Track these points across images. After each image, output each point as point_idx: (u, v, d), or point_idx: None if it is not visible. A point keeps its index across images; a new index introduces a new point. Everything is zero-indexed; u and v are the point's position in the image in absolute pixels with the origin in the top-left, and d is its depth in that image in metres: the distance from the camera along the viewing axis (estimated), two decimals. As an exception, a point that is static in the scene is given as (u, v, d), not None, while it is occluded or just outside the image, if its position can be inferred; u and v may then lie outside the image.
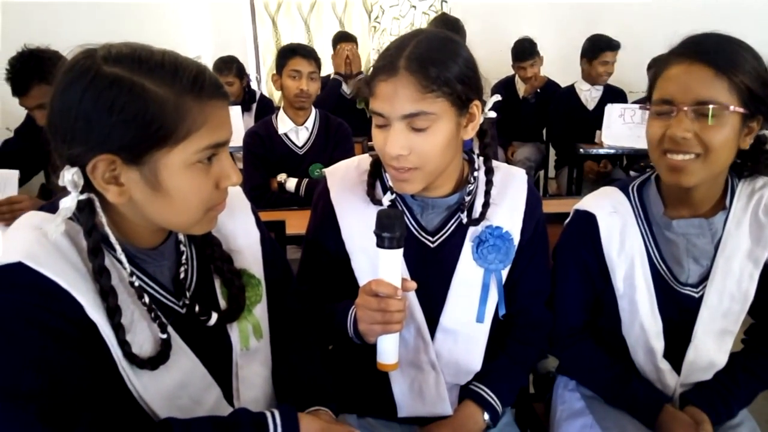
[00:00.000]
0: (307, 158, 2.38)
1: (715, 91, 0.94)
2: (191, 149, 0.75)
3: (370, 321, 0.94)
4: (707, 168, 0.98)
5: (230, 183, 0.82)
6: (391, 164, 0.98)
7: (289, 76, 2.29)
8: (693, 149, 0.97)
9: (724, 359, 1.11)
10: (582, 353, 1.20)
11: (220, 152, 0.79)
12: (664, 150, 1.00)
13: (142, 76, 0.72)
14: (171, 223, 0.82)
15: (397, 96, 0.93)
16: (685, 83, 0.96)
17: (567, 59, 3.96)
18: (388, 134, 0.96)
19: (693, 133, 0.96)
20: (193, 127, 0.74)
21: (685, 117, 0.96)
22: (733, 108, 0.94)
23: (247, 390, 0.95)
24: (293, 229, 1.47)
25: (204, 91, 0.75)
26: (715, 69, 0.94)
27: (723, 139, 0.96)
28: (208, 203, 0.81)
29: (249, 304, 0.97)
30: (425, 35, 0.98)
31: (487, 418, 1.10)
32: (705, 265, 1.10)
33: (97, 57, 0.72)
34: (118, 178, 0.75)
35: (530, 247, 1.14)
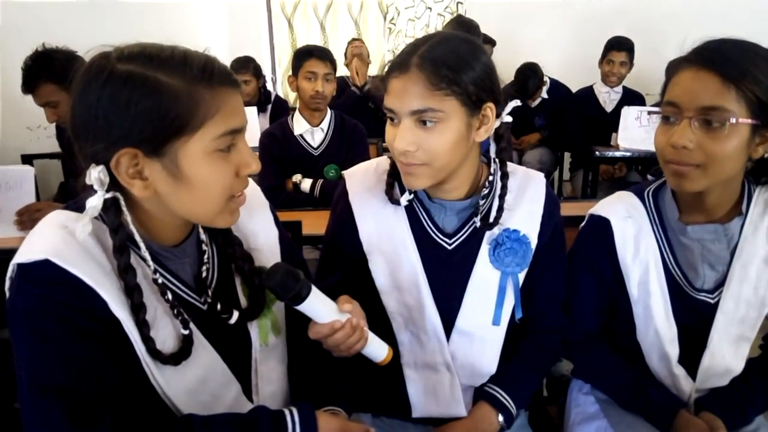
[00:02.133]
0: (322, 159, 2.39)
1: (721, 98, 0.93)
2: (208, 137, 0.77)
3: (337, 354, 0.95)
4: (709, 177, 0.98)
5: (250, 170, 0.83)
6: (400, 160, 1.00)
7: (305, 78, 2.31)
8: (693, 160, 0.97)
9: (740, 365, 1.11)
10: (597, 357, 1.20)
11: (238, 140, 0.81)
12: (666, 159, 1.01)
13: (154, 70, 0.74)
14: (195, 213, 0.83)
15: (406, 92, 0.95)
16: (691, 89, 0.96)
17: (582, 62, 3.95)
18: (398, 129, 0.98)
19: (696, 143, 0.96)
20: (207, 114, 0.76)
21: (689, 126, 0.96)
22: (740, 119, 0.93)
23: (266, 385, 0.97)
24: (309, 230, 1.49)
25: (214, 78, 0.77)
26: (722, 77, 0.93)
27: (728, 150, 0.95)
28: (229, 191, 0.82)
29: (268, 301, 0.98)
30: (443, 36, 1.00)
31: (502, 419, 1.11)
32: (721, 271, 1.09)
33: (110, 57, 0.75)
34: (142, 172, 0.77)
35: (548, 251, 1.14)
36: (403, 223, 1.10)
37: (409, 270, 1.10)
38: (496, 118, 1.03)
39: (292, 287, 0.85)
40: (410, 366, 1.13)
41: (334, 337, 0.90)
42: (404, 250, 1.09)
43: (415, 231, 1.10)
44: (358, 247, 1.12)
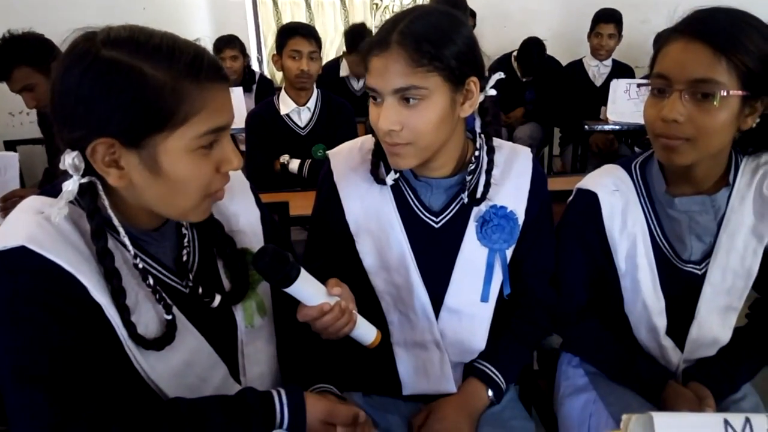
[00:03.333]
0: (310, 139, 2.36)
1: (712, 70, 0.92)
2: (190, 134, 0.74)
3: (325, 337, 0.94)
4: (699, 150, 0.97)
5: (231, 167, 0.81)
6: (385, 140, 0.98)
7: (290, 57, 2.27)
8: (683, 134, 0.96)
9: (727, 335, 1.12)
10: (586, 331, 1.21)
11: (222, 137, 0.79)
12: (656, 133, 1.00)
13: (140, 59, 0.71)
14: (167, 207, 0.81)
15: (388, 71, 0.93)
16: (681, 61, 0.95)
17: (571, 35, 3.92)
18: (381, 109, 0.96)
19: (686, 116, 0.94)
20: (191, 111, 0.73)
21: (679, 99, 0.95)
22: (731, 91, 0.92)
23: (253, 366, 0.97)
24: (297, 210, 1.48)
25: (202, 73, 0.74)
26: (713, 48, 0.91)
27: (719, 123, 0.94)
28: (207, 189, 0.80)
29: (252, 283, 0.98)
30: (422, 10, 0.98)
31: (491, 394, 1.11)
32: (708, 242, 1.09)
33: (96, 41, 0.72)
34: (118, 162, 0.75)
35: (535, 227, 1.14)
36: (390, 203, 1.09)
37: (396, 249, 1.09)
38: (480, 92, 1.01)
39: (280, 270, 0.84)
40: (400, 345, 1.13)
41: (322, 320, 0.90)
42: (391, 229, 1.09)
43: (401, 210, 1.09)
44: (345, 228, 1.11)
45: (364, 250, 1.11)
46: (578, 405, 1.17)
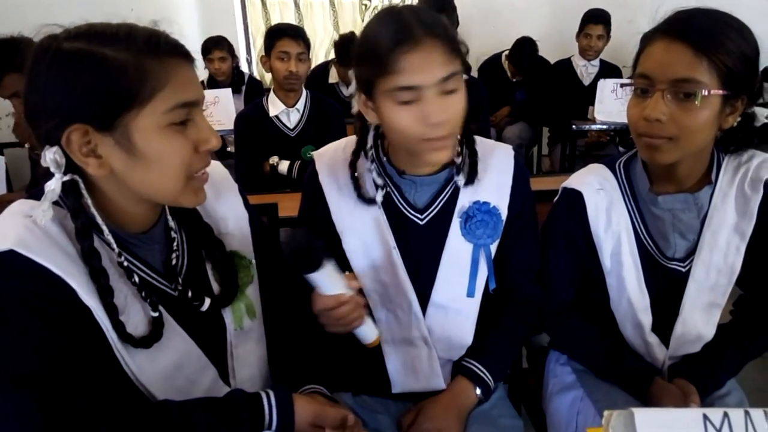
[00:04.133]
0: (299, 140, 2.37)
1: (693, 70, 0.94)
2: (160, 109, 0.76)
3: (334, 326, 0.96)
4: (681, 149, 0.99)
5: (210, 146, 0.81)
6: (435, 135, 0.95)
7: (278, 58, 2.27)
8: (666, 133, 0.97)
9: (711, 332, 1.13)
10: (572, 329, 1.22)
11: (195, 115, 0.80)
12: (639, 133, 1.01)
13: (100, 45, 0.73)
14: (155, 191, 0.81)
15: (429, 63, 0.91)
16: (663, 61, 0.97)
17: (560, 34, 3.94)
18: (422, 106, 0.93)
19: (669, 116, 0.96)
20: (156, 85, 0.75)
21: (661, 98, 0.96)
22: (712, 91, 0.94)
23: (243, 369, 0.97)
24: (286, 212, 1.47)
25: (161, 48, 0.76)
26: (694, 49, 0.93)
27: (700, 122, 0.96)
28: (189, 168, 0.80)
29: (241, 285, 0.98)
30: (410, 6, 1.00)
31: (479, 392, 1.12)
32: (691, 240, 1.11)
33: (58, 37, 0.75)
34: (96, 150, 0.75)
35: (519, 222, 1.15)
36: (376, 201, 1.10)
37: (383, 248, 1.10)
38: None
39: (310, 255, 0.85)
40: (388, 342, 1.13)
41: (338, 311, 0.91)
42: (377, 228, 1.10)
43: (386, 208, 1.10)
44: (331, 227, 1.12)
45: (351, 248, 1.11)
46: (566, 402, 1.18)
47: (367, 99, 1.00)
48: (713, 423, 0.51)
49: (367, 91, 0.98)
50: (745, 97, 0.98)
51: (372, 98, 0.98)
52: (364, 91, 0.99)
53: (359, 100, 1.01)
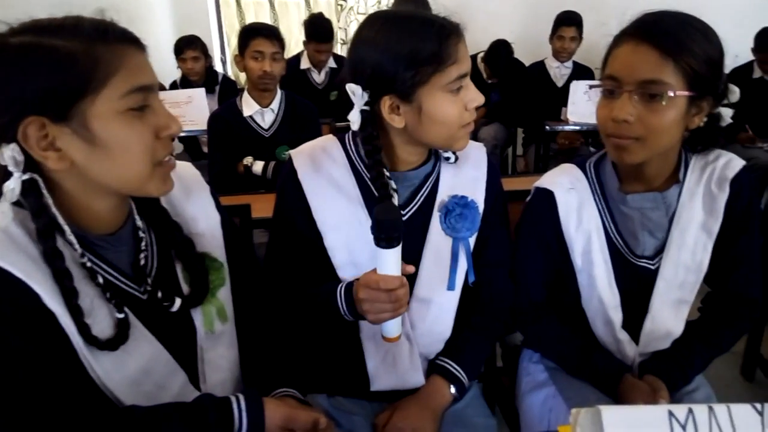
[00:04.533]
0: (274, 141, 2.34)
1: (659, 72, 0.96)
2: (115, 95, 0.75)
3: (379, 311, 0.95)
4: (649, 149, 1.01)
5: (171, 132, 0.81)
6: (472, 119, 1.03)
7: (252, 57, 2.25)
8: (633, 133, 0.99)
9: (680, 328, 1.15)
10: (544, 327, 1.23)
11: (152, 101, 0.79)
12: (607, 133, 1.03)
13: (47, 36, 0.73)
14: (120, 179, 0.80)
15: (467, 51, 1.00)
16: (630, 63, 0.99)
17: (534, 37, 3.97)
18: (466, 93, 1.01)
19: (636, 116, 0.98)
20: (109, 71, 0.74)
21: (629, 99, 0.98)
22: (677, 92, 0.96)
23: (213, 373, 0.95)
24: (261, 213, 1.46)
25: (109, 34, 0.76)
26: (660, 51, 0.95)
27: (666, 122, 0.98)
28: (152, 154, 0.80)
29: (212, 288, 0.97)
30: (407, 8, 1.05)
31: (454, 391, 1.12)
32: (660, 238, 1.13)
33: (3, 34, 0.74)
34: (54, 143, 0.74)
35: (492, 217, 1.17)
36: (356, 198, 1.10)
37: (365, 245, 1.08)
38: None
39: (398, 228, 0.87)
40: (369, 339, 1.13)
41: (397, 292, 0.92)
42: (359, 225, 1.09)
43: (368, 205, 1.10)
44: (312, 226, 1.11)
45: (333, 246, 1.11)
46: (538, 400, 1.19)
47: (402, 103, 1.00)
48: (678, 419, 0.51)
49: (406, 96, 0.98)
50: (710, 98, 1.00)
51: (411, 100, 0.99)
52: (400, 96, 0.99)
53: (384, 108, 1.00)
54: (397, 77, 0.97)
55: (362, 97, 1.00)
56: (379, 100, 1.00)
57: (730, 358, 2.30)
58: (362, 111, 1.02)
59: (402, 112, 1.00)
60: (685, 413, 0.52)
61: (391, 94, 0.98)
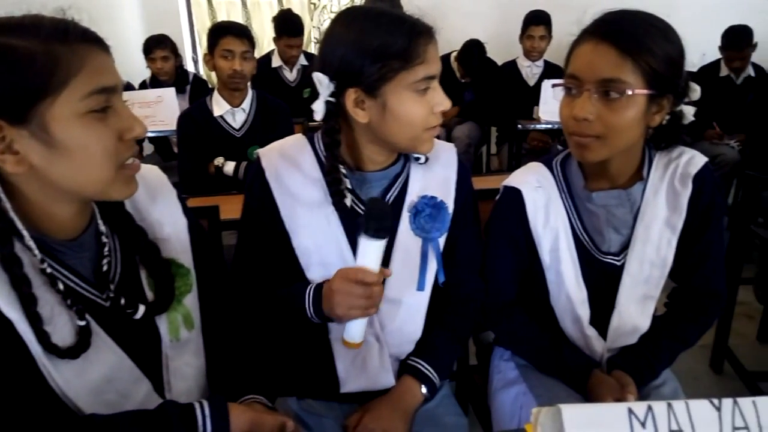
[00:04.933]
0: (245, 141, 2.32)
1: (618, 71, 0.97)
2: (75, 96, 0.73)
3: (350, 306, 0.96)
4: (609, 147, 1.02)
5: (134, 134, 0.79)
6: (437, 122, 1.03)
7: (222, 56, 2.22)
8: (593, 131, 1.01)
9: (646, 323, 1.17)
10: (514, 325, 1.23)
11: (115, 102, 0.77)
12: (569, 132, 1.04)
13: (4, 35, 0.70)
14: (81, 183, 0.77)
15: (437, 53, 1.00)
16: (590, 62, 1.00)
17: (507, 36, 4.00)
18: (432, 95, 1.01)
19: (596, 115, 0.99)
20: (69, 72, 0.72)
21: (589, 98, 0.99)
22: (636, 90, 0.97)
23: (179, 382, 0.93)
24: (229, 215, 1.44)
25: (70, 34, 0.73)
26: (618, 49, 0.97)
27: (626, 121, 0.99)
28: (115, 157, 0.78)
29: (178, 294, 0.94)
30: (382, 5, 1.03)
31: (425, 391, 1.12)
32: (625, 234, 1.14)
33: None
34: (12, 146, 0.72)
35: (462, 217, 1.17)
36: (325, 198, 1.09)
37: (334, 244, 1.09)
38: None
39: (387, 219, 0.92)
40: (339, 341, 1.12)
41: (373, 289, 0.94)
42: (328, 225, 1.08)
43: (337, 205, 1.09)
44: (280, 226, 1.09)
45: (301, 245, 1.09)
46: (509, 398, 1.20)
47: (367, 98, 0.99)
48: (638, 416, 0.52)
49: (371, 90, 0.98)
50: (671, 96, 1.02)
51: (376, 96, 0.98)
52: (366, 90, 0.98)
53: (348, 101, 0.99)
54: (363, 70, 0.96)
55: (328, 87, 1.00)
56: (344, 92, 0.99)
57: (699, 352, 2.36)
58: (327, 102, 1.01)
59: (366, 106, 1.00)
60: (645, 410, 0.52)
61: (356, 87, 0.98)
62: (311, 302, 1.03)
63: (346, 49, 0.97)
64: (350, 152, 1.09)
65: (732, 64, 3.67)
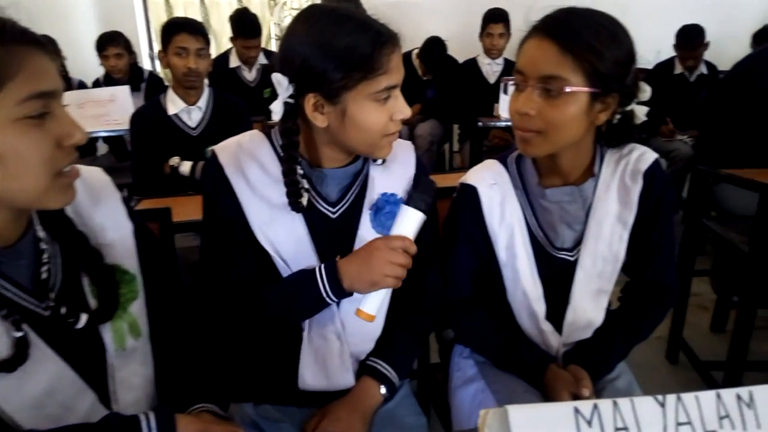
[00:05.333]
0: (202, 140, 2.25)
1: (558, 68, 0.98)
2: (11, 101, 0.69)
3: (389, 273, 0.97)
4: (550, 142, 1.03)
5: (73, 141, 0.76)
6: (396, 129, 1.02)
7: (176, 54, 2.16)
8: (534, 126, 1.02)
9: (601, 317, 1.18)
10: (473, 322, 1.23)
11: (54, 107, 0.74)
12: (514, 126, 1.05)
13: None
14: (15, 192, 0.74)
15: (401, 61, 0.99)
16: (533, 58, 1.01)
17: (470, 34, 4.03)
18: (393, 103, 0.99)
19: (536, 110, 1.00)
20: (4, 76, 0.68)
21: (532, 93, 1.00)
22: (575, 88, 0.98)
23: (126, 392, 0.90)
24: (182, 216, 1.40)
25: (6, 35, 0.70)
26: (560, 46, 0.98)
27: (565, 117, 1.00)
28: (52, 165, 0.74)
29: (123, 302, 0.91)
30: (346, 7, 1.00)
31: (385, 391, 1.11)
32: (578, 230, 1.15)
33: None
34: None
35: None
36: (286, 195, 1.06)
37: (297, 241, 1.06)
38: None
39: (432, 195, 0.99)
40: (307, 337, 1.10)
41: (408, 258, 0.99)
42: (291, 221, 1.06)
43: (294, 206, 1.06)
44: (243, 223, 1.06)
45: (265, 241, 1.06)
46: (468, 395, 1.20)
47: (327, 103, 0.96)
48: (584, 415, 0.51)
49: (331, 97, 0.95)
50: (617, 95, 1.02)
51: (336, 102, 0.96)
52: (326, 97, 0.95)
53: (307, 105, 0.97)
54: (324, 76, 0.93)
55: (287, 89, 0.97)
56: (304, 95, 0.97)
57: (655, 343, 2.42)
58: (285, 103, 0.98)
59: (325, 112, 0.97)
60: (591, 409, 0.52)
61: (316, 92, 0.95)
62: (326, 279, 1.01)
63: (309, 50, 0.94)
64: (309, 150, 1.06)
65: (685, 63, 3.78)
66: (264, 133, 1.11)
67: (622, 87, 1.02)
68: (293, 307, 1.05)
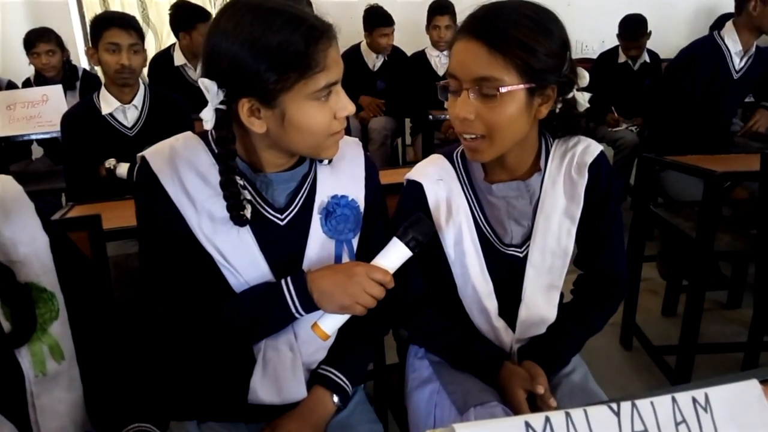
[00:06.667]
0: (139, 140, 2.14)
1: (490, 68, 0.94)
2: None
3: (360, 301, 0.95)
4: (497, 145, 1.00)
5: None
6: (341, 127, 0.97)
7: (107, 50, 2.03)
8: (477, 131, 0.98)
9: (553, 313, 1.16)
10: (425, 321, 1.20)
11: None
12: (458, 131, 1.01)
13: None
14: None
15: (339, 56, 0.93)
16: (463, 60, 0.97)
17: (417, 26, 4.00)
18: (335, 100, 0.93)
19: (475, 114, 0.97)
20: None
21: (468, 97, 0.96)
22: (510, 87, 0.94)
23: (49, 421, 0.83)
24: (113, 223, 1.31)
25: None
26: (488, 47, 0.93)
27: (506, 117, 0.97)
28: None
29: (42, 322, 0.83)
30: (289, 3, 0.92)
31: (337, 400, 1.07)
32: (526, 226, 1.13)
33: None
34: None
35: (371, 214, 1.12)
36: None
37: (245, 250, 1.00)
38: None
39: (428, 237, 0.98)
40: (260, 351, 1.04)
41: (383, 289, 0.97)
42: (236, 234, 0.98)
43: (236, 219, 0.98)
44: (187, 234, 0.97)
45: (212, 250, 0.98)
46: (424, 397, 1.16)
47: (263, 107, 0.89)
48: (534, 429, 0.48)
49: (267, 100, 0.88)
50: (555, 87, 0.99)
51: (273, 106, 0.89)
52: (261, 100, 0.88)
53: (242, 111, 0.89)
54: (257, 78, 0.86)
55: (217, 95, 0.89)
56: (236, 100, 0.89)
57: (609, 330, 2.44)
58: (217, 110, 0.90)
59: (263, 116, 0.90)
60: (542, 422, 0.48)
61: (249, 96, 0.88)
62: (295, 293, 0.96)
63: (237, 50, 0.86)
64: (249, 155, 0.99)
65: (629, 52, 3.85)
66: (199, 135, 1.02)
67: (559, 77, 0.99)
68: (257, 324, 1.00)
